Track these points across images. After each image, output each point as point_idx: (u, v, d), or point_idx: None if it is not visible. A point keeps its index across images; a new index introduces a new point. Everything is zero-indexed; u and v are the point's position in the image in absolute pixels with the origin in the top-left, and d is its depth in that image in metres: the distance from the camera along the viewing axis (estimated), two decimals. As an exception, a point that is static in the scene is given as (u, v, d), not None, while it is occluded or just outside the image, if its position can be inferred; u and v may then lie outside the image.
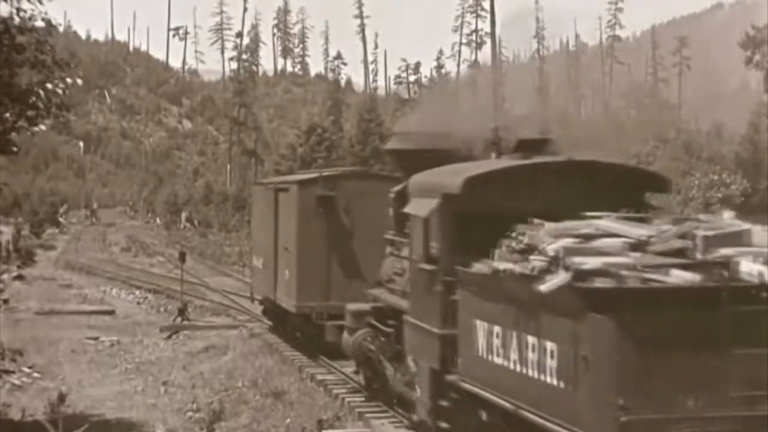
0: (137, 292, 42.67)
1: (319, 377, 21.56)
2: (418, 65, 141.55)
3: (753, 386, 10.04)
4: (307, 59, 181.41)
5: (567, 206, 11.96)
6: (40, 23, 17.22)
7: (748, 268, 10.52)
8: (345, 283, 23.57)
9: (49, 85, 17.06)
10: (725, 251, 10.64)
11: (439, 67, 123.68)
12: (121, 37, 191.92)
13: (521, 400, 11.48)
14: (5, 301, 36.28)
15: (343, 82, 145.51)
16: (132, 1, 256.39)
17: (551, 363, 10.85)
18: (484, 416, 12.58)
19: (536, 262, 10.99)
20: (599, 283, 10.23)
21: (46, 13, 17.23)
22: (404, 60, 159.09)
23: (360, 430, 17.48)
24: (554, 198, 12.78)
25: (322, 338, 22.69)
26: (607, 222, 11.29)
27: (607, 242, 10.83)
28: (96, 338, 30.51)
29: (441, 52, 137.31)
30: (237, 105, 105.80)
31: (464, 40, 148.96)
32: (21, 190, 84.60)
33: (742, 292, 10.24)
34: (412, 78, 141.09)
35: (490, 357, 12.23)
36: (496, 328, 12.09)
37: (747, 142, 76.02)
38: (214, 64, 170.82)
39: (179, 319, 32.56)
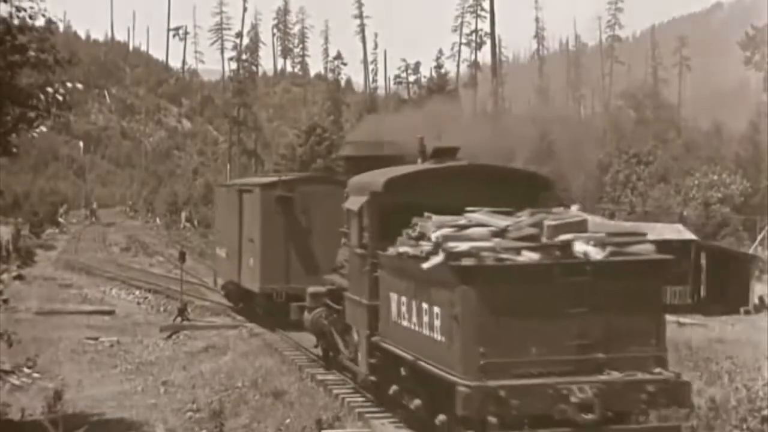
0: (137, 292, 42.65)
1: (319, 377, 21.58)
2: (417, 65, 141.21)
3: (582, 337, 13.37)
4: (307, 59, 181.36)
5: (467, 201, 15.04)
6: (40, 21, 17.17)
7: (580, 248, 13.73)
8: (301, 268, 28.58)
9: (50, 89, 17.01)
10: (565, 236, 13.83)
11: (439, 67, 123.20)
12: (120, 37, 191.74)
13: (419, 353, 14.69)
14: (5, 301, 36.20)
15: (343, 82, 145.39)
16: (132, 1, 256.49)
17: (437, 323, 14.06)
18: (402, 371, 15.61)
19: (425, 246, 14.35)
20: (465, 261, 13.37)
21: (45, 10, 17.18)
22: (404, 60, 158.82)
23: (360, 430, 17.49)
24: (457, 195, 15.56)
25: (281, 313, 26.46)
26: (479, 215, 14.52)
27: (476, 231, 14.04)
28: (96, 338, 30.50)
29: (441, 52, 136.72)
30: (237, 105, 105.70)
31: (464, 40, 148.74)
32: (21, 190, 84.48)
33: (571, 267, 13.49)
34: (411, 78, 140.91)
35: (400, 321, 15.56)
36: (403, 298, 15.43)
37: (747, 142, 76.04)
38: (213, 64, 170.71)
39: (179, 319, 32.57)
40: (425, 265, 13.98)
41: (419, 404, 15.19)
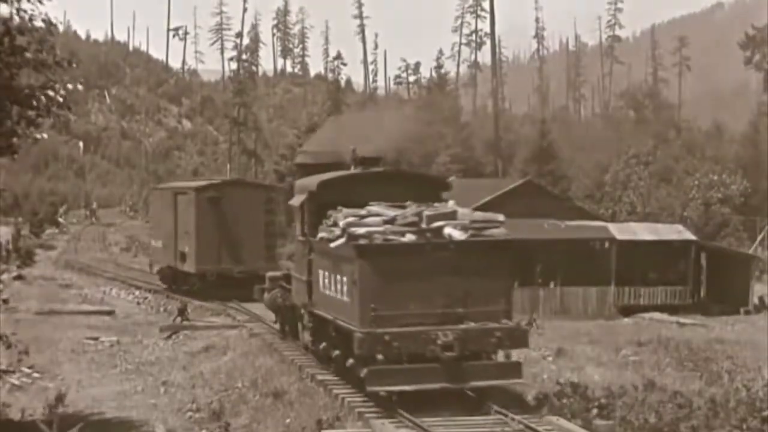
0: (137, 292, 42.64)
1: (319, 377, 21.56)
2: (417, 65, 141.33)
3: (447, 297, 18.27)
4: (307, 59, 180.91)
5: (382, 199, 19.78)
6: (39, 23, 17.12)
7: (447, 231, 18.63)
8: (228, 253, 37.24)
9: (50, 92, 16.99)
10: (438, 223, 18.74)
11: (439, 67, 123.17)
12: (120, 37, 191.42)
13: (336, 313, 19.51)
14: (5, 301, 36.20)
15: (343, 82, 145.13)
16: (132, 1, 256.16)
17: (344, 288, 18.94)
18: (332, 333, 20.20)
19: (336, 231, 19.32)
20: (362, 241, 18.36)
21: (46, 14, 17.16)
22: (404, 60, 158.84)
23: (360, 430, 17.49)
24: (375, 194, 20.08)
25: (214, 288, 36.49)
26: (376, 208, 19.45)
27: (372, 219, 18.96)
28: (96, 338, 30.49)
29: (441, 52, 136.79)
30: (237, 105, 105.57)
31: (464, 41, 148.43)
32: (21, 190, 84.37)
33: (439, 245, 18.46)
34: (411, 78, 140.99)
35: (325, 291, 20.33)
36: (326, 273, 20.28)
37: (747, 142, 75.97)
38: (213, 64, 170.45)
39: (179, 319, 32.58)
40: (332, 245, 19.23)
41: (338, 354, 19.79)
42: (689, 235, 43.53)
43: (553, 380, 21.96)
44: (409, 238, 18.49)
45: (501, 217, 19.78)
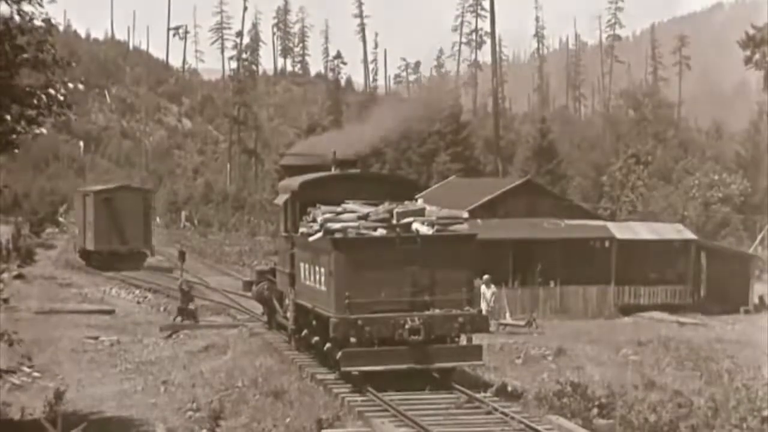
0: (137, 292, 42.64)
1: (319, 377, 21.57)
2: (417, 65, 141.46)
3: (414, 286, 20.14)
4: (307, 58, 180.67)
5: (357, 198, 21.73)
6: (39, 23, 17.11)
7: (415, 226, 20.58)
8: (117, 237, 52.66)
9: (51, 91, 16.99)
10: (407, 219, 20.74)
11: (439, 66, 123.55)
12: (120, 36, 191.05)
13: (315, 302, 21.49)
14: (5, 301, 36.18)
15: (343, 82, 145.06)
16: (132, 1, 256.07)
17: (323, 279, 20.80)
18: (312, 320, 22.17)
19: (315, 226, 21.34)
20: (337, 235, 20.33)
21: (46, 14, 17.16)
22: (404, 59, 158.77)
23: (360, 429, 17.49)
24: (351, 193, 22.03)
25: (108, 261, 51.51)
26: (351, 205, 21.50)
27: (347, 215, 21.04)
28: (96, 338, 30.46)
29: (441, 51, 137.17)
30: (237, 104, 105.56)
31: (464, 40, 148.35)
32: (21, 190, 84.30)
33: (407, 239, 20.35)
34: (412, 77, 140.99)
35: (306, 282, 22.34)
36: (307, 265, 22.21)
37: (747, 142, 75.94)
38: (214, 63, 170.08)
39: (179, 318, 32.56)
40: (311, 239, 21.28)
41: (317, 339, 21.71)
42: (689, 235, 43.54)
43: (553, 379, 21.98)
44: (381, 232, 20.50)
45: (465, 214, 22.02)
